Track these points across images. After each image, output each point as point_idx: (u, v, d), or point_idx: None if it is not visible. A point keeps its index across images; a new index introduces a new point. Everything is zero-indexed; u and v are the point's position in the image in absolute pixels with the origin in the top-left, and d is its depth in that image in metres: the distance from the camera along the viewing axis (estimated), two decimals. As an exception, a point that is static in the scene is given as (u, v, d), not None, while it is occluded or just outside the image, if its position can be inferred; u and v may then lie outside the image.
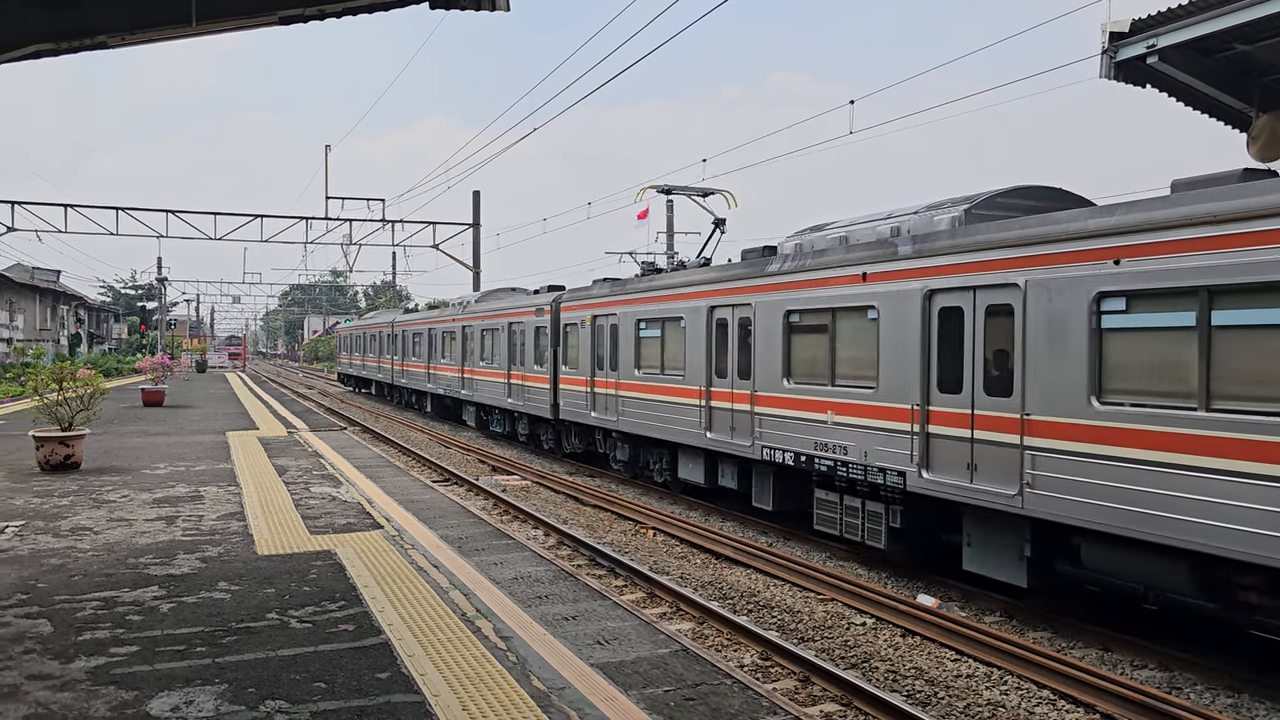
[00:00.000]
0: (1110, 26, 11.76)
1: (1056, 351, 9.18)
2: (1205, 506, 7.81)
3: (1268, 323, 7.47)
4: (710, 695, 7.28)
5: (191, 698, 5.37)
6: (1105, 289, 8.70)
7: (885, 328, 11.44)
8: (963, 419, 10.32)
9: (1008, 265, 9.76)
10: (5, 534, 9.86)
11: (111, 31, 9.60)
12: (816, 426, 12.66)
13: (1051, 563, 9.65)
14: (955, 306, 10.51)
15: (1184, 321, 8.09)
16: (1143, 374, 8.51)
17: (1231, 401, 7.73)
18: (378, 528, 10.55)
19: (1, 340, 53.44)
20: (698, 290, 15.79)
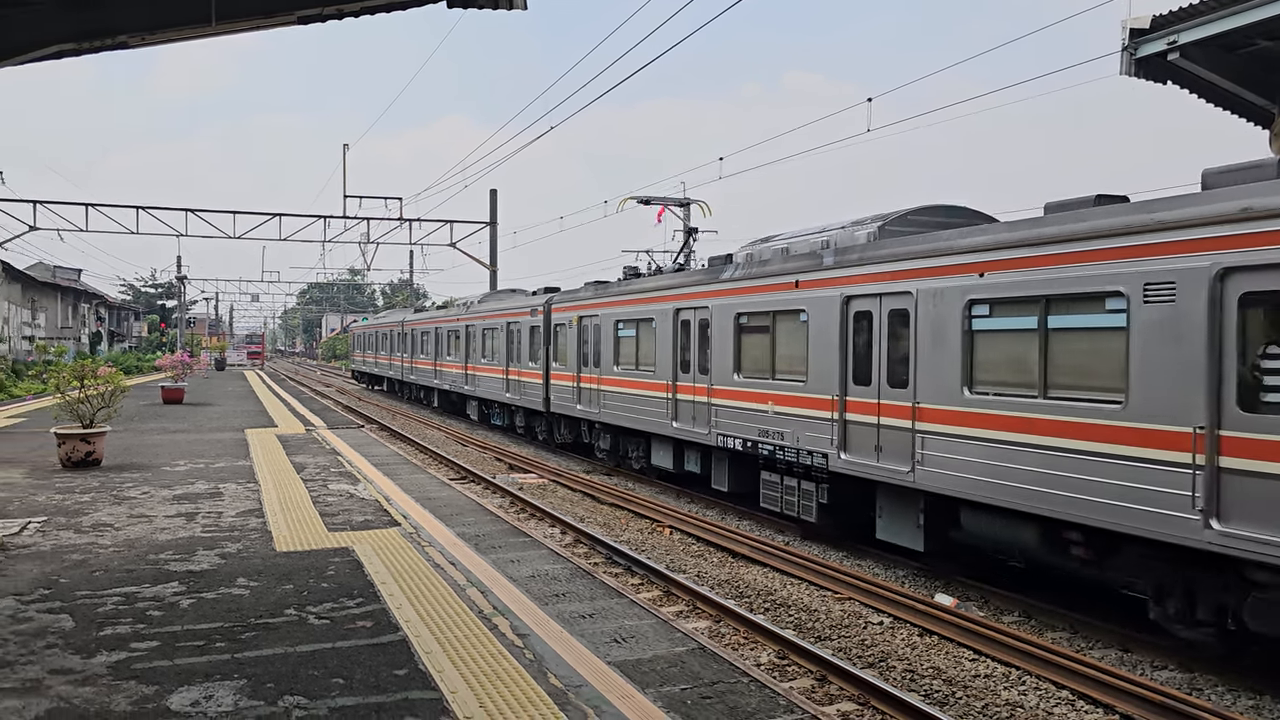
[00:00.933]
0: (1131, 23, 11.68)
1: (939, 349, 10.76)
2: (1044, 478, 9.37)
3: (1086, 326, 9.16)
4: (727, 693, 7.27)
5: (211, 693, 5.41)
6: (974, 297, 10.32)
7: (813, 329, 13.03)
8: (872, 407, 11.91)
9: (904, 276, 11.32)
10: (28, 530, 9.96)
11: (132, 31, 9.67)
12: (761, 416, 14.32)
13: (943, 530, 11.16)
14: (866, 311, 12.07)
15: (1029, 325, 9.71)
16: (1001, 368, 10.13)
17: (1060, 390, 9.36)
18: (395, 525, 10.60)
19: (24, 338, 53.94)
20: (665, 294, 17.48)
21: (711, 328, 15.73)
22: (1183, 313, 8.14)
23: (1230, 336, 7.82)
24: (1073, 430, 9.12)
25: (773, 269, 14.21)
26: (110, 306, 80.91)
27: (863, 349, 12.10)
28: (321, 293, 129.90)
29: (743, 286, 14.95)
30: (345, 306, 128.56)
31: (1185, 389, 8.08)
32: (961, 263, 10.52)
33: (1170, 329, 8.26)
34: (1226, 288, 7.82)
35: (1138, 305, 8.55)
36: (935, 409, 10.81)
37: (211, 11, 9.22)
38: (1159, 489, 8.25)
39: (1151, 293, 8.42)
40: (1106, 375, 8.90)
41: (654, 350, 17.73)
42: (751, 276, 14.76)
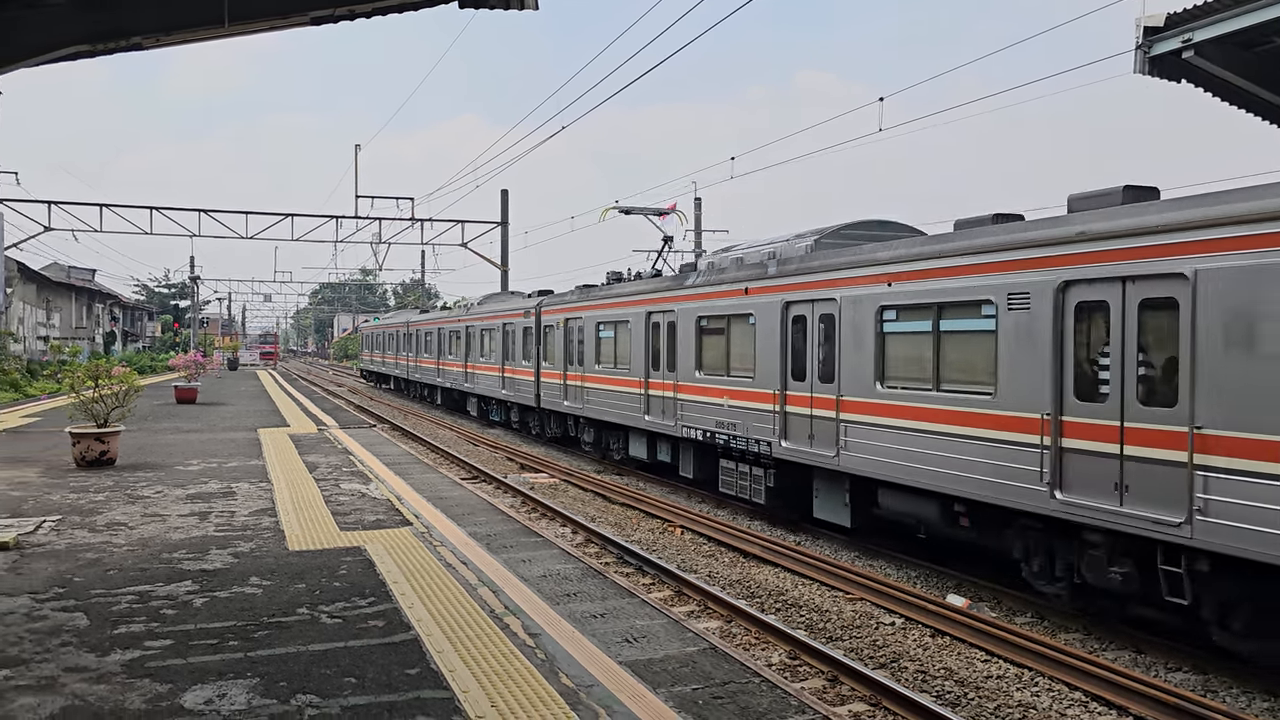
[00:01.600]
0: (1144, 21, 11.60)
1: (858, 349, 12.35)
2: (939, 459, 10.90)
3: (967, 329, 10.78)
4: (739, 694, 7.27)
5: (224, 691, 5.43)
6: (884, 304, 11.90)
7: (759, 331, 14.58)
8: (806, 400, 13.55)
9: (831, 285, 12.93)
10: (43, 529, 10.02)
11: (146, 33, 9.72)
12: (718, 409, 15.81)
13: (867, 507, 12.70)
14: (802, 315, 13.68)
15: (926, 328, 11.29)
16: (905, 364, 11.71)
17: (949, 384, 10.96)
18: (407, 524, 10.62)
19: (39, 338, 54.26)
20: (639, 299, 19.05)
21: (677, 330, 17.29)
22: (1035, 318, 9.69)
23: (1069, 338, 9.40)
24: (958, 418, 10.70)
25: (728, 277, 15.86)
26: (124, 306, 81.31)
27: (799, 349, 13.76)
28: (333, 293, 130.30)
29: (703, 292, 16.52)
30: (357, 306, 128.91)
31: (1037, 382, 9.65)
32: (875, 274, 12.11)
33: (1026, 332, 9.81)
34: (1067, 298, 9.38)
35: (1004, 312, 10.11)
36: (855, 401, 12.45)
37: (225, 13, 9.25)
38: (1018, 465, 9.83)
39: (1013, 302, 9.98)
40: (982, 371, 10.51)
41: (629, 350, 19.36)
42: (711, 284, 16.33)
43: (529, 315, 25.76)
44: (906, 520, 12.15)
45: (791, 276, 13.88)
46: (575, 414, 22.72)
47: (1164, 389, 8.49)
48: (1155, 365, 8.65)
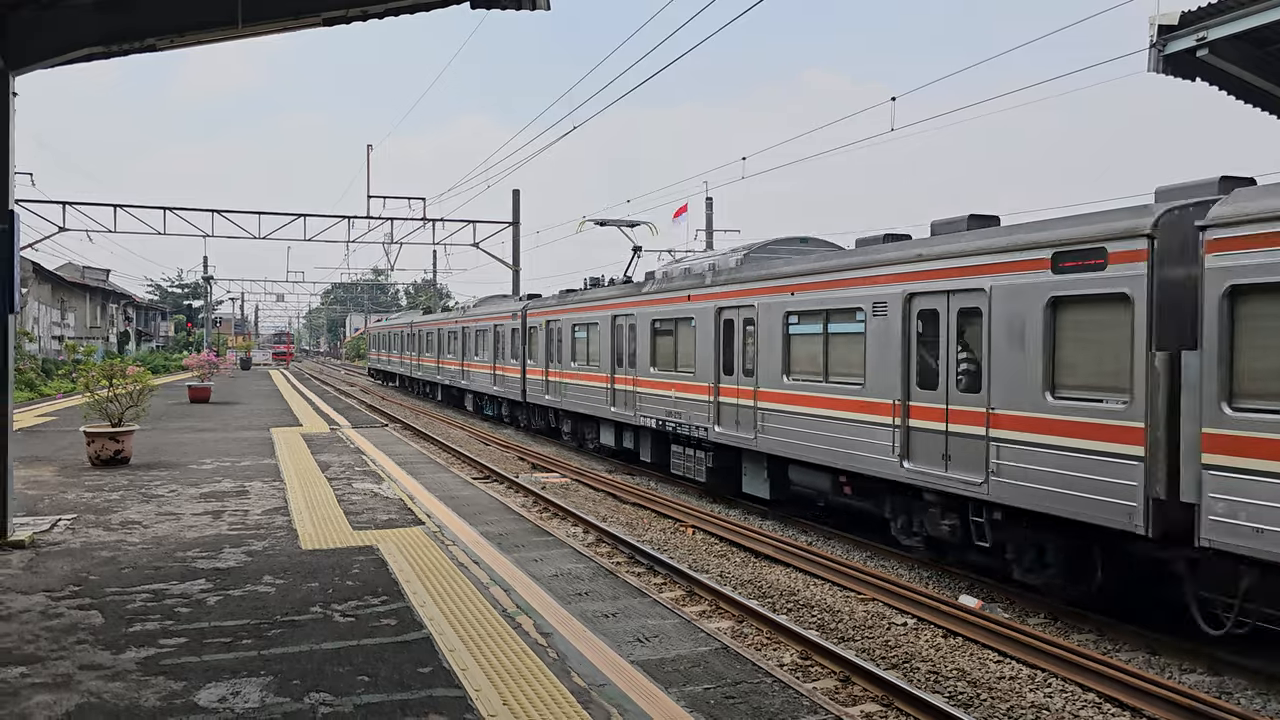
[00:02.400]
0: (1159, 19, 11.54)
1: (771, 347, 14.60)
2: (830, 439, 13.09)
3: (845, 331, 13.05)
4: (751, 694, 7.26)
5: (238, 689, 5.46)
6: (789, 310, 14.21)
7: (699, 333, 16.92)
8: (733, 391, 15.85)
9: (752, 293, 15.25)
10: (58, 527, 10.08)
11: (160, 34, 9.78)
12: (668, 400, 18.14)
13: (782, 482, 14.91)
14: (730, 318, 16.01)
15: (818, 330, 13.61)
16: (805, 360, 14.00)
17: (834, 376, 13.21)
18: (419, 524, 10.65)
19: (53, 338, 54.60)
20: (606, 303, 21.40)
21: (636, 331, 19.64)
22: (890, 323, 11.94)
23: (913, 339, 11.66)
24: (840, 404, 12.96)
25: (675, 285, 18.20)
26: (138, 306, 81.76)
27: (729, 347, 16.05)
28: (345, 292, 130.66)
29: (656, 299, 18.85)
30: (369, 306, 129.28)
31: (892, 374, 11.89)
32: (783, 285, 14.44)
33: (885, 334, 12.06)
34: (912, 306, 11.67)
35: (870, 318, 12.36)
36: (768, 391, 14.71)
37: (238, 14, 9.30)
38: (879, 441, 12.08)
39: (876, 309, 12.24)
40: (856, 365, 12.72)
41: (599, 349, 21.66)
42: (662, 291, 18.68)
43: (516, 317, 28.15)
44: (809, 492, 14.50)
45: (723, 286, 16.31)
46: (555, 407, 25.14)
47: (974, 378, 10.75)
48: (969, 360, 10.92)
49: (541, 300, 27.16)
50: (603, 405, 21.29)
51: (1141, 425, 8.70)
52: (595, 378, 21.76)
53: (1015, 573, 10.57)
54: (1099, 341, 9.35)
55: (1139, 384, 8.75)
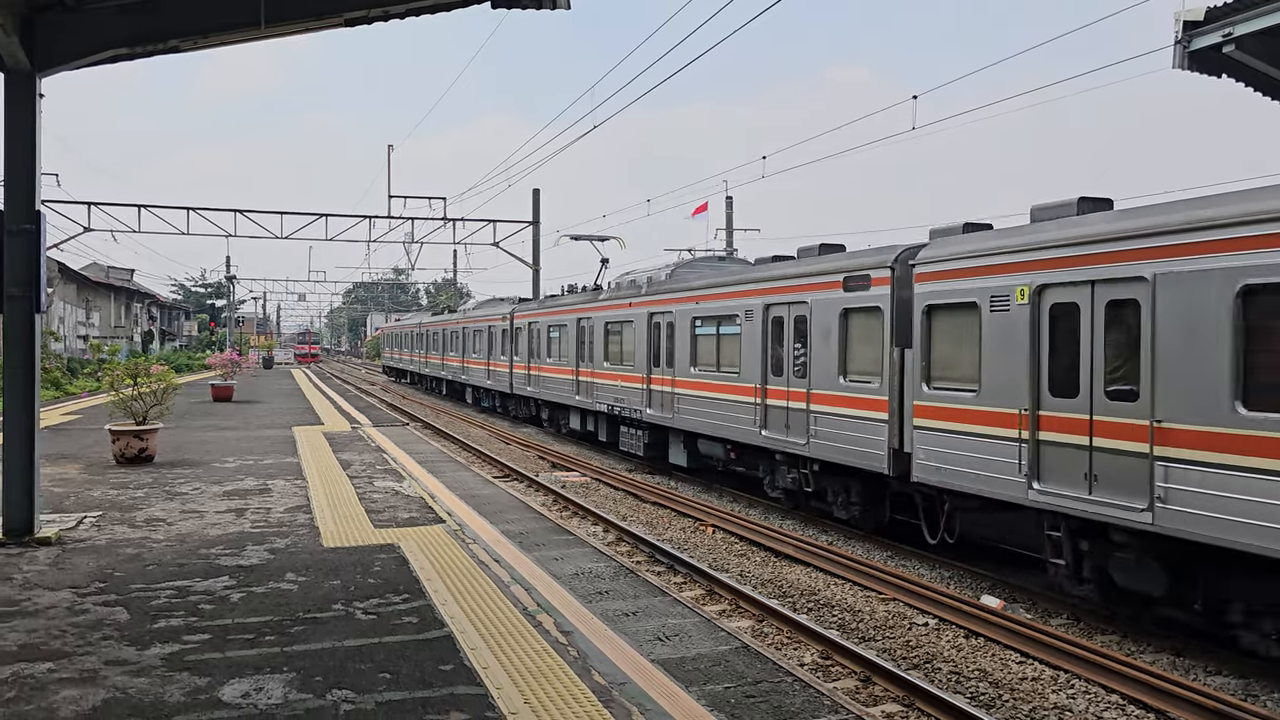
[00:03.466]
0: (1184, 15, 11.43)
1: (683, 345, 18.42)
2: (721, 416, 16.80)
3: (729, 333, 16.65)
4: (771, 693, 7.25)
5: (261, 685, 5.49)
6: (695, 315, 18.04)
7: (636, 333, 20.72)
8: (660, 381, 19.63)
9: (671, 302, 19.17)
10: (84, 524, 10.18)
11: (184, 35, 9.85)
12: (616, 389, 21.90)
13: (695, 453, 18.78)
14: (658, 322, 19.78)
15: (713, 331, 17.38)
16: (705, 355, 17.71)
17: (723, 367, 16.86)
18: (440, 522, 10.69)
19: (79, 337, 55.14)
20: (573, 308, 25.48)
21: (594, 332, 23.47)
22: (755, 326, 15.69)
23: (770, 337, 15.39)
24: (726, 389, 16.75)
25: (621, 294, 22.18)
26: (161, 306, 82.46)
27: (657, 344, 19.77)
28: (366, 292, 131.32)
29: (608, 304, 22.85)
30: (390, 306, 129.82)
31: (756, 365, 15.67)
32: (692, 296, 18.33)
33: (752, 334, 15.81)
34: (768, 314, 15.40)
35: (744, 321, 16.08)
36: (682, 380, 18.53)
37: (261, 15, 9.36)
38: (746, 415, 15.91)
39: (747, 316, 15.96)
40: (734, 358, 16.45)
41: (568, 347, 25.51)
42: (613, 298, 22.69)
43: (505, 319, 32.15)
44: (713, 459, 18.49)
45: (653, 295, 20.13)
46: (535, 397, 28.95)
47: (803, 368, 14.39)
48: (801, 354, 14.61)
49: (525, 304, 31.79)
50: (570, 394, 25.19)
51: (886, 398, 12.43)
52: (565, 371, 25.62)
53: (835, 511, 14.23)
54: (867, 340, 13.02)
55: (885, 370, 12.47)
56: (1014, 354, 10.30)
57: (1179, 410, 8.51)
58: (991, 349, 10.70)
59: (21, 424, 9.27)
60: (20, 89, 9.20)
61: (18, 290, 9.11)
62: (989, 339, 10.73)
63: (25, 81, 9.19)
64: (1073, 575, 9.79)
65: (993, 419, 10.59)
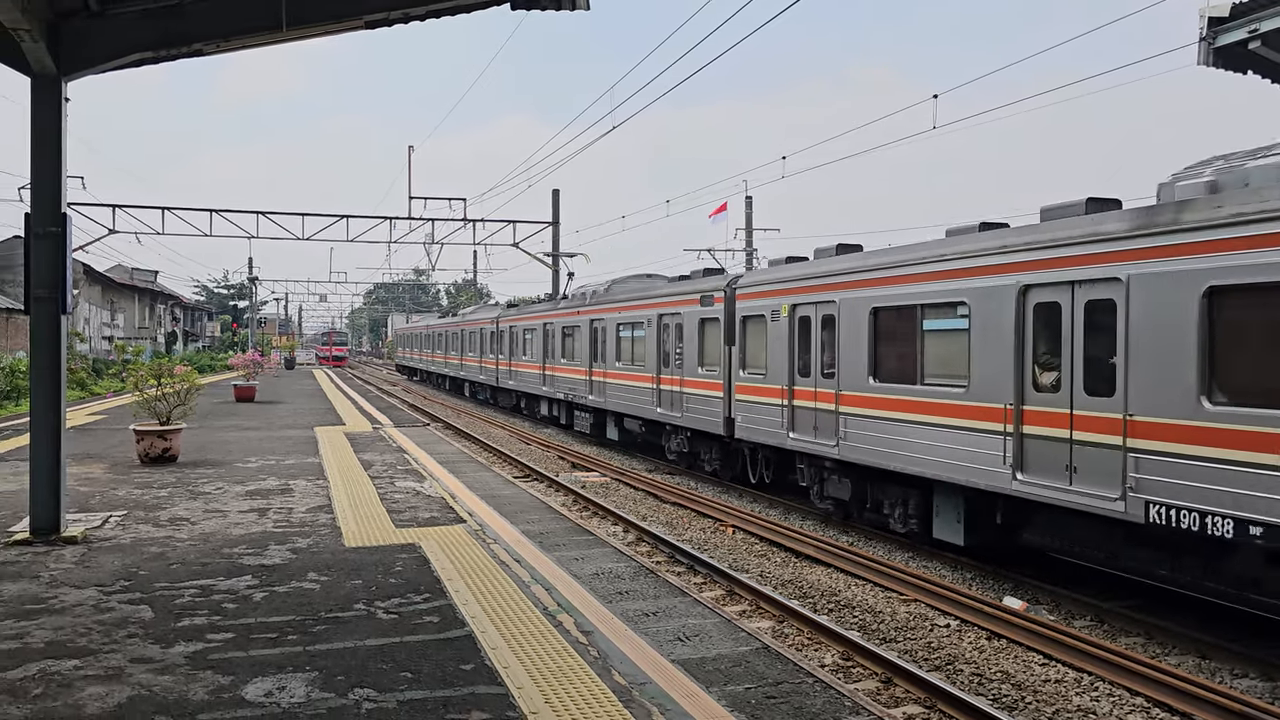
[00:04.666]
0: (1209, 11, 11.33)
1: (612, 344, 23.41)
2: (636, 399, 21.81)
3: (639, 335, 21.96)
4: (792, 694, 7.23)
5: (284, 684, 5.53)
6: (618, 321, 22.93)
7: (582, 336, 26.05)
8: (597, 373, 24.65)
9: (603, 311, 24.37)
10: (109, 523, 10.28)
11: (207, 39, 9.93)
12: (570, 380, 27.19)
13: (622, 428, 23.55)
14: (596, 328, 24.86)
15: (628, 334, 22.37)
16: (625, 352, 22.75)
17: (635, 361, 21.98)
18: (460, 522, 10.72)
19: (104, 338, 55.68)
20: (540, 315, 31.04)
21: (555, 335, 28.86)
22: (651, 330, 20.82)
23: (662, 338, 20.41)
24: (636, 378, 21.78)
25: (573, 304, 27.69)
26: (185, 307, 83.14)
27: (596, 344, 24.96)
28: (387, 292, 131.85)
29: (564, 312, 28.29)
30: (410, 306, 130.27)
31: (653, 359, 20.75)
32: (615, 307, 23.59)
33: (650, 336, 20.92)
34: (661, 321, 20.46)
35: (646, 327, 21.34)
36: (611, 372, 23.68)
37: (282, 18, 9.42)
38: (649, 399, 20.89)
39: (648, 323, 21.09)
40: (641, 355, 21.60)
41: (538, 347, 30.60)
42: (567, 307, 28.14)
43: (494, 323, 37.52)
44: (634, 433, 22.94)
45: (591, 305, 25.57)
46: (515, 389, 34.41)
47: (679, 361, 19.53)
48: (679, 351, 19.40)
49: (508, 310, 36.87)
50: (539, 386, 30.42)
51: (723, 382, 17.58)
52: (535, 367, 30.79)
53: (705, 467, 19.33)
54: (714, 341, 17.99)
55: (723, 361, 17.59)
56: (783, 349, 15.66)
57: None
58: (774, 346, 16.02)
59: (48, 424, 9.37)
60: (46, 93, 9.29)
61: (44, 292, 9.21)
62: (772, 339, 16.07)
63: (51, 86, 9.29)
64: (816, 491, 15.10)
65: (772, 393, 16.00)
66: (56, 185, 9.29)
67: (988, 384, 11.00)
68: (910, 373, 12.58)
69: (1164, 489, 8.80)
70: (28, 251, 9.21)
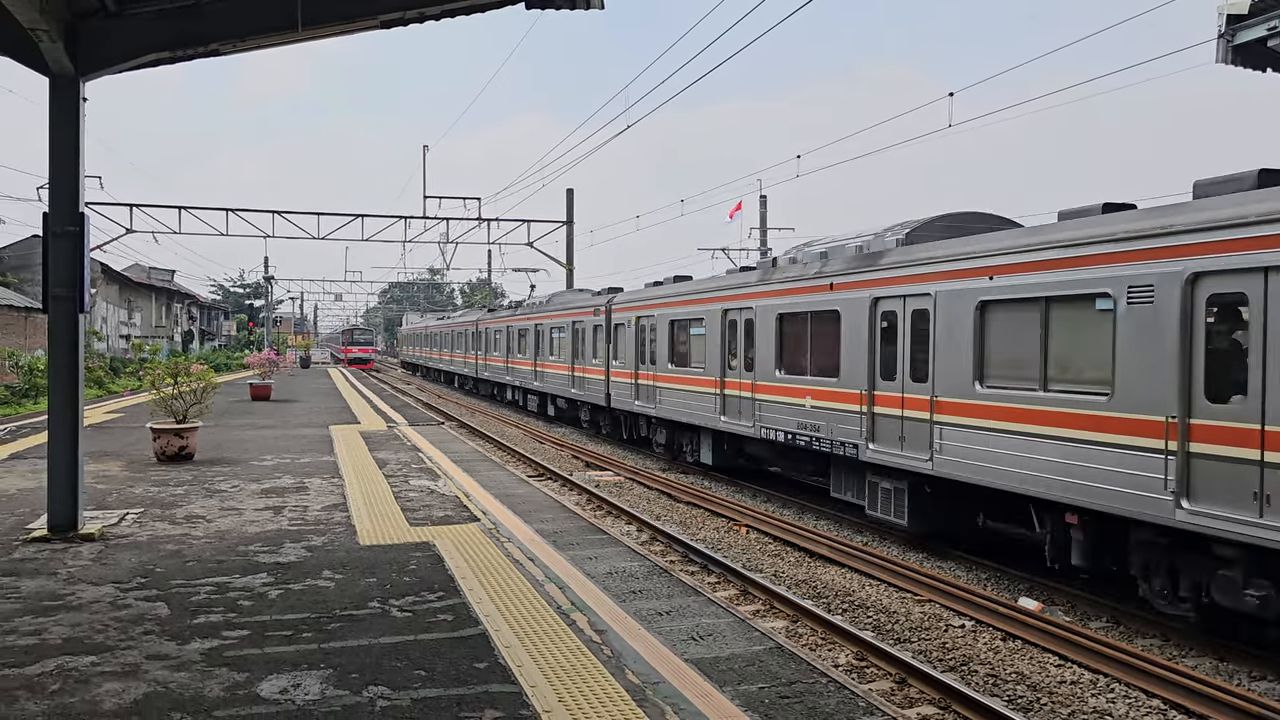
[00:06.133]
0: (1228, 9, 11.24)
1: (556, 342, 30.35)
2: (558, 382, 30.03)
3: (566, 334, 29.83)
4: (806, 694, 7.22)
5: (299, 681, 5.55)
6: (553, 326, 30.86)
7: (531, 336, 32.97)
8: (546, 365, 31.41)
9: (545, 318, 31.88)
10: (126, 521, 10.35)
11: (223, 39, 9.97)
12: (524, 371, 34.04)
13: (556, 407, 31.26)
14: (544, 330, 31.60)
15: (558, 335, 30.62)
16: (556, 349, 30.51)
17: (564, 355, 29.45)
18: (474, 521, 10.74)
19: (121, 337, 56.04)
20: (510, 318, 37.05)
21: (514, 334, 35.71)
22: (568, 333, 28.66)
23: (575, 338, 28.40)
24: (590, 371, 26.49)
25: (527, 312, 34.39)
26: (201, 306, 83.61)
27: (544, 344, 31.25)
28: (402, 291, 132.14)
29: (521, 317, 34.97)
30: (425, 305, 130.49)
31: (569, 354, 28.64)
32: (555, 314, 30.45)
33: (566, 337, 28.96)
34: (573, 326, 28.55)
35: (567, 330, 28.86)
36: (548, 365, 30.81)
37: (298, 18, 9.45)
38: (601, 389, 25.46)
39: (581, 323, 27.73)
40: (588, 351, 26.78)
41: (512, 345, 36.45)
42: (522, 314, 35.09)
43: (476, 324, 44.28)
44: (571, 411, 29.71)
45: (538, 311, 32.76)
46: (493, 380, 40.93)
47: (586, 353, 27.03)
48: (582, 347, 27.24)
49: (488, 313, 42.85)
50: (529, 380, 33.89)
51: (603, 369, 25.27)
52: (523, 364, 34.83)
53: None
54: (597, 340, 25.22)
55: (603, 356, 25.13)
56: (631, 346, 23.15)
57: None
58: (623, 344, 23.78)
59: (66, 421, 9.43)
60: (64, 93, 9.36)
61: (62, 291, 9.28)
62: (622, 340, 23.93)
63: (69, 86, 9.35)
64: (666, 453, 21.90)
65: (625, 374, 23.51)
66: (74, 185, 9.35)
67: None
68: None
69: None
70: (46, 251, 9.27)
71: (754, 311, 16.92)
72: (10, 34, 8.65)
